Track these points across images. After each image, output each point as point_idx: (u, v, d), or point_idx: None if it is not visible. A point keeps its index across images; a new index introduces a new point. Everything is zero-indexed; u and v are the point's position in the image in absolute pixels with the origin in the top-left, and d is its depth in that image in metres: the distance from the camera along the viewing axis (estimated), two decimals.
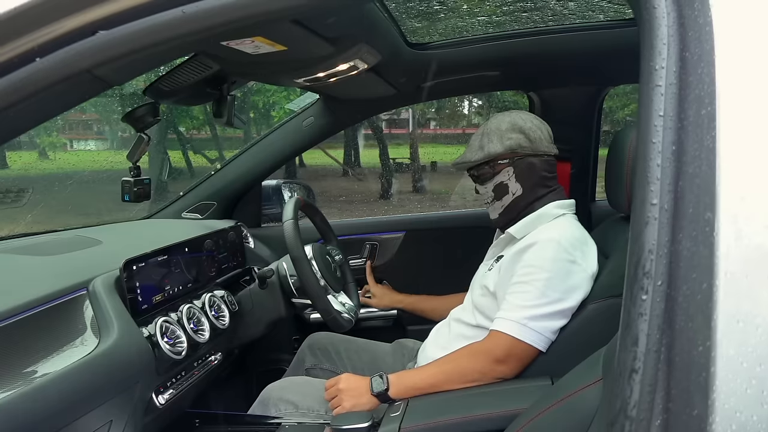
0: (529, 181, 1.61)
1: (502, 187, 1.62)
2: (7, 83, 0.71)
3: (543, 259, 1.45)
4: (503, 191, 1.62)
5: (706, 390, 0.52)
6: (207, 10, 0.71)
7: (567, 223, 1.56)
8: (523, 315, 1.43)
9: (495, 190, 1.63)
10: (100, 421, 1.22)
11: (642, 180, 0.59)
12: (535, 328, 1.42)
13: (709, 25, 0.58)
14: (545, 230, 1.53)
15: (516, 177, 1.60)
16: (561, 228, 1.53)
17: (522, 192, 1.61)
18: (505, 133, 1.59)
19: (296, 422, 1.60)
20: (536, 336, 1.43)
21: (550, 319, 1.43)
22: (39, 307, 1.22)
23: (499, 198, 1.63)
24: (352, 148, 12.47)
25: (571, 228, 1.54)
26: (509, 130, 1.59)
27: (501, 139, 1.59)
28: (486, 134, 1.61)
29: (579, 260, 1.46)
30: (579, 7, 1.71)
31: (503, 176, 1.61)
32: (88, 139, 14.44)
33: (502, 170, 1.61)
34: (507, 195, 1.62)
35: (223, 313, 1.70)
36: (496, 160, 1.60)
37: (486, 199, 1.67)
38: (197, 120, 10.88)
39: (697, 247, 0.55)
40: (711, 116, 0.56)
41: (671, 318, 0.55)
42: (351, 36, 1.33)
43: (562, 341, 1.50)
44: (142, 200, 1.57)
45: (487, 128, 1.62)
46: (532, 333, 1.42)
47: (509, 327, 1.44)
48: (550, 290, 1.43)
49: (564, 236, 1.48)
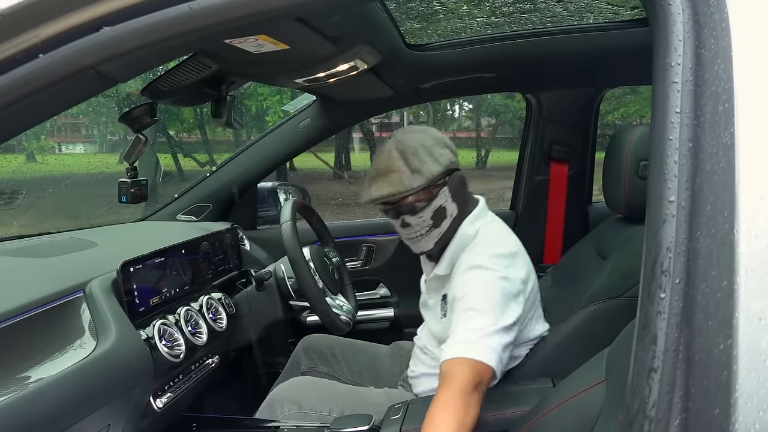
0: (462, 198, 1.49)
1: (441, 211, 1.45)
2: (10, 80, 0.70)
3: (474, 288, 1.35)
4: (442, 216, 1.46)
5: (728, 388, 0.51)
6: (215, 6, 0.70)
7: (485, 240, 1.45)
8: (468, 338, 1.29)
9: (434, 217, 1.45)
10: (97, 425, 1.20)
11: (659, 177, 0.58)
12: (485, 344, 1.28)
13: (725, 21, 0.58)
14: (468, 257, 1.42)
15: (452, 196, 1.46)
16: (481, 249, 1.42)
17: (457, 212, 1.47)
18: (434, 150, 1.42)
19: (295, 425, 1.58)
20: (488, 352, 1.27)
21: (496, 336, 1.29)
22: (36, 309, 1.20)
23: (438, 224, 1.46)
24: (343, 151, 12.46)
25: (490, 242, 1.44)
26: (436, 146, 1.43)
27: (433, 156, 1.41)
28: (412, 154, 1.40)
29: (508, 273, 1.37)
30: (578, 9, 1.72)
31: (441, 198, 1.44)
32: (77, 142, 14.33)
33: (440, 192, 1.44)
34: (446, 219, 1.46)
35: (221, 315, 1.69)
36: (435, 182, 1.43)
37: (419, 230, 1.47)
38: (187, 123, 10.82)
39: (715, 245, 0.55)
40: (729, 113, 0.56)
41: (690, 316, 0.55)
42: (352, 35, 1.32)
43: (562, 343, 1.50)
44: (138, 201, 1.55)
45: (406, 148, 1.41)
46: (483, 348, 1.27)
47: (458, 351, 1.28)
48: (490, 312, 1.31)
49: (486, 257, 1.38)
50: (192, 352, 1.50)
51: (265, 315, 1.82)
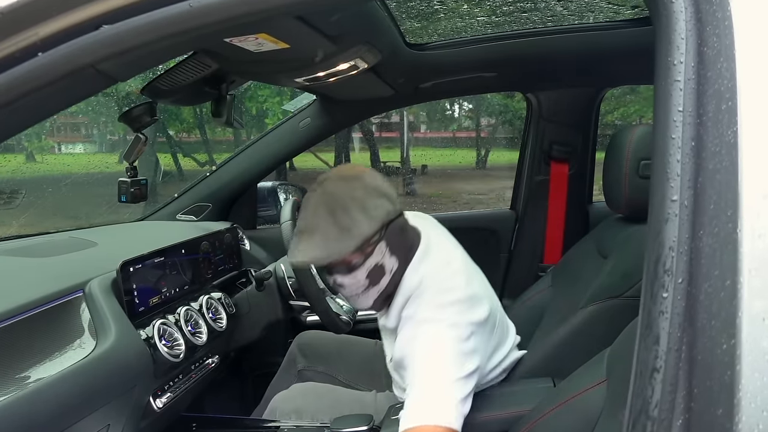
0: (402, 249, 1.31)
1: (378, 269, 1.28)
2: (9, 78, 0.70)
3: (424, 345, 1.23)
4: (380, 273, 1.29)
5: (732, 389, 0.51)
6: (215, 4, 0.69)
7: (431, 286, 1.28)
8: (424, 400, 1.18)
9: (370, 276, 1.28)
10: (97, 425, 1.20)
11: (661, 176, 0.58)
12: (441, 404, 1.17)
13: (728, 19, 0.58)
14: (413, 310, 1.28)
15: (390, 250, 1.28)
16: (428, 297, 1.27)
17: (398, 264, 1.30)
18: (366, 202, 1.23)
19: (295, 425, 1.58)
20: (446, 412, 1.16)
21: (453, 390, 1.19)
22: (35, 309, 1.20)
23: (376, 282, 1.30)
24: (343, 151, 12.45)
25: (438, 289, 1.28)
26: (369, 197, 1.24)
27: (366, 211, 1.23)
28: (341, 210, 1.22)
29: (460, 320, 1.24)
30: (578, 8, 1.71)
31: (377, 256, 1.27)
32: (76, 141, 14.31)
33: (375, 249, 1.26)
34: (384, 275, 1.29)
35: (221, 315, 1.68)
36: (369, 240, 1.25)
37: (355, 290, 1.31)
38: (187, 123, 10.81)
39: (718, 244, 0.54)
40: (732, 111, 0.56)
41: (692, 316, 0.54)
42: (353, 34, 1.32)
43: (562, 343, 1.50)
44: (138, 201, 1.55)
45: (334, 202, 1.23)
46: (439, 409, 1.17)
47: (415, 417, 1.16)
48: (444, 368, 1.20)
49: (433, 308, 1.25)
50: (192, 351, 1.50)
51: (265, 315, 1.82)
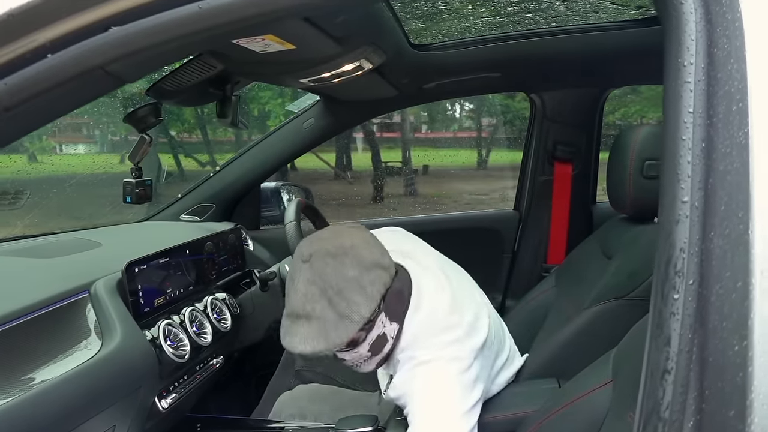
0: (400, 310, 1.26)
1: (380, 339, 1.24)
2: (19, 79, 0.70)
3: (425, 385, 1.22)
4: (382, 343, 1.25)
5: (744, 390, 0.51)
6: (225, 6, 0.69)
7: (428, 331, 1.26)
8: None
9: (372, 348, 1.24)
10: (103, 426, 1.20)
11: (672, 177, 0.58)
12: None
13: (738, 20, 0.58)
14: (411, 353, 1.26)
15: (390, 318, 1.23)
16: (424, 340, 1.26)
17: (399, 328, 1.26)
18: (363, 279, 1.15)
19: (299, 426, 1.58)
20: None
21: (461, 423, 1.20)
22: (41, 310, 1.20)
23: (379, 352, 1.26)
24: (344, 151, 12.45)
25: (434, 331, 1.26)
26: (366, 273, 1.16)
27: (364, 291, 1.15)
28: (337, 295, 1.14)
29: (459, 353, 1.24)
30: (582, 9, 1.71)
31: (378, 328, 1.22)
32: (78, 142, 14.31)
33: (376, 323, 1.21)
34: (387, 343, 1.25)
35: (225, 316, 1.68)
36: (369, 320, 1.18)
37: (358, 361, 1.28)
38: (188, 123, 10.82)
39: (729, 246, 0.54)
40: (743, 112, 0.56)
41: (704, 317, 0.54)
42: (358, 35, 1.32)
43: (567, 343, 1.50)
44: (143, 202, 1.56)
45: (327, 286, 1.14)
46: None
47: None
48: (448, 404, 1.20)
49: (432, 351, 1.24)
50: (197, 352, 1.50)
51: (269, 315, 1.82)
